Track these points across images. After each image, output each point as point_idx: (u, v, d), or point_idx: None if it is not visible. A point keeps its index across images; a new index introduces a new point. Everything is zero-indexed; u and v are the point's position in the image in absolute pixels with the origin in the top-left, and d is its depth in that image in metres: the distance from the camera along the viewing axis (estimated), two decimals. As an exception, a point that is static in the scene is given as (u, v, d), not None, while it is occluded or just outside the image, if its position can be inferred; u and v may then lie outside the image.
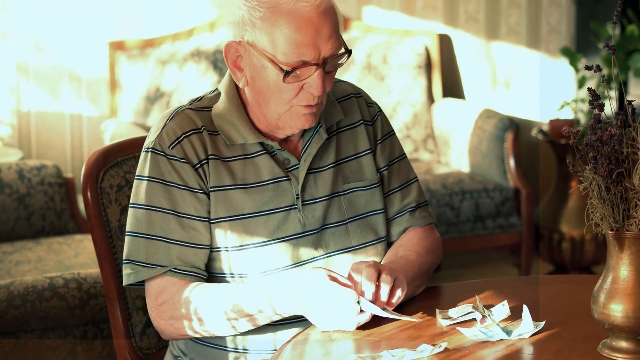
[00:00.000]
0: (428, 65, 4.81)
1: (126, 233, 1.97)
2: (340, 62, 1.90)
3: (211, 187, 1.94)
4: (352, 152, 2.06)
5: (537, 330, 1.77)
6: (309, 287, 1.82)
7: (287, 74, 1.85)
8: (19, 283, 2.78)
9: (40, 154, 4.46)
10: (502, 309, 1.84)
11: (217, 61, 4.47)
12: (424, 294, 2.01)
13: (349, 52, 1.90)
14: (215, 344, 1.99)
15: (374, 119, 2.11)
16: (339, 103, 2.07)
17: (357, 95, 2.11)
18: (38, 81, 4.43)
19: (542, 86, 5.16)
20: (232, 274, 1.96)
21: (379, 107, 2.13)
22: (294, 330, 1.92)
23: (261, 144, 1.98)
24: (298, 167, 1.99)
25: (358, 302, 1.79)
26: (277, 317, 1.89)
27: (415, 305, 1.93)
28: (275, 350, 1.93)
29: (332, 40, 1.86)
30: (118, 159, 2.18)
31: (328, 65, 1.88)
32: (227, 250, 1.95)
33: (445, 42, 5.00)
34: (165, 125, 1.96)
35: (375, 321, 1.84)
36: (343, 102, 2.08)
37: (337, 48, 1.88)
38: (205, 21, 4.62)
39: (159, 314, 1.95)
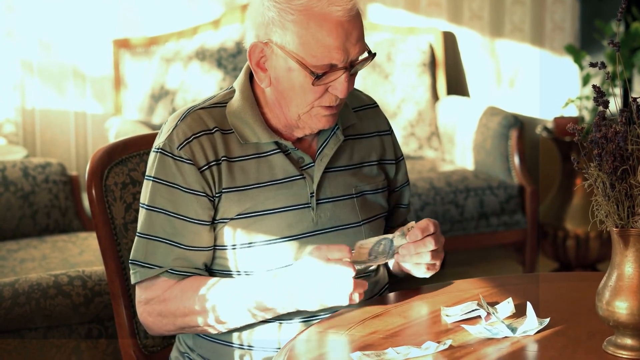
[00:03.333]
0: (432, 63, 4.80)
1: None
2: (364, 65, 1.92)
3: (224, 189, 1.94)
4: (365, 159, 2.08)
5: (541, 327, 1.77)
6: (298, 265, 1.84)
7: (317, 77, 1.86)
8: (24, 281, 2.79)
9: (44, 151, 4.46)
10: (506, 307, 1.84)
11: (221, 59, 4.47)
12: (428, 291, 2.01)
13: (373, 55, 1.92)
14: (221, 340, 1.99)
15: (387, 130, 2.14)
16: (355, 112, 2.09)
17: (373, 106, 2.14)
18: (43, 79, 4.43)
19: (546, 84, 5.15)
20: (239, 271, 1.97)
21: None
22: (299, 328, 1.92)
23: (275, 142, 1.98)
24: (312, 166, 2.00)
25: (355, 263, 1.82)
26: (270, 315, 1.90)
27: (420, 302, 1.93)
28: (279, 347, 1.94)
29: (360, 44, 1.89)
30: (123, 157, 2.18)
31: (353, 69, 1.90)
32: (234, 248, 1.95)
33: (449, 40, 5.00)
34: (176, 126, 1.97)
35: (380, 318, 1.84)
36: (360, 112, 2.11)
37: (363, 51, 1.91)
38: (210, 19, 4.62)
39: (147, 309, 1.96)
